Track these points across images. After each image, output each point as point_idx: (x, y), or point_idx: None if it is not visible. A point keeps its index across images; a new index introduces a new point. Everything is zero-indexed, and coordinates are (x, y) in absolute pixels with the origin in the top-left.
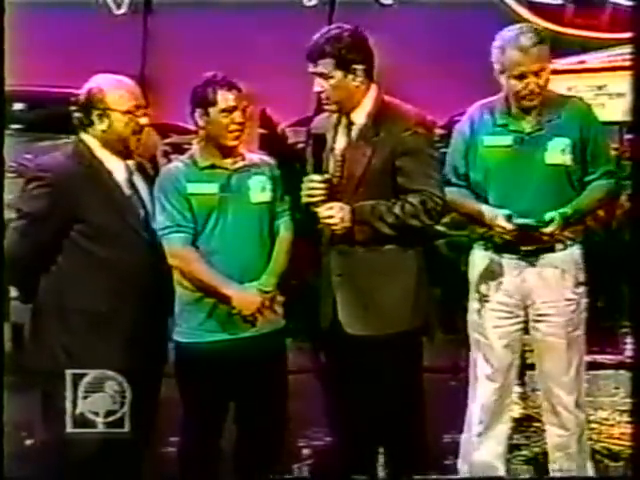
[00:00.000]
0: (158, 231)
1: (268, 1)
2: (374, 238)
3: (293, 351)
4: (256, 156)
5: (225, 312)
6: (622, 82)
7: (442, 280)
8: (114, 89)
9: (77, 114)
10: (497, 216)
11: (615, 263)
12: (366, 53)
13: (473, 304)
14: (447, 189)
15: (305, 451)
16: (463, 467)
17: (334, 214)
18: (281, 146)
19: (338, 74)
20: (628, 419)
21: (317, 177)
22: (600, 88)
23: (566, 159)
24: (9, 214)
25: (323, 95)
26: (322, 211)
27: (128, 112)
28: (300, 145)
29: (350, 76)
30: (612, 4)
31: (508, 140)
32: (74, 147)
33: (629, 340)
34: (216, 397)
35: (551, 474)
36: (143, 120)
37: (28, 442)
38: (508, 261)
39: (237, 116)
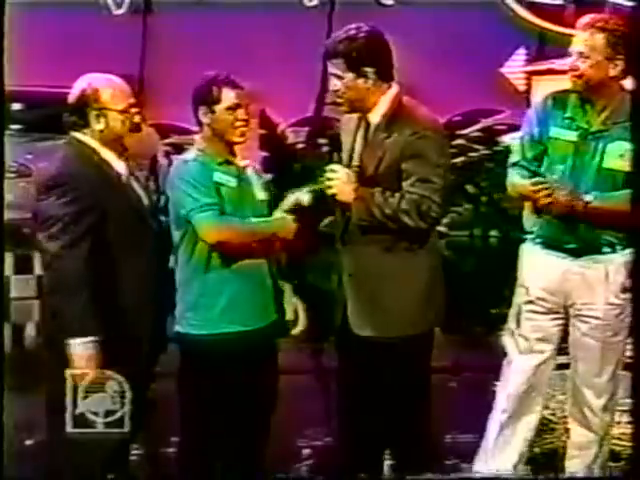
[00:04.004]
0: (190, 212)
1: (268, 1)
2: (368, 224)
3: (294, 351)
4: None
5: (243, 302)
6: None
7: (442, 278)
8: (107, 88)
9: (70, 115)
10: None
11: None
12: (380, 55)
13: (516, 296)
14: (510, 170)
15: (305, 451)
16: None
17: (334, 177)
18: (281, 146)
19: (349, 75)
20: (628, 419)
21: (338, 166)
22: None
23: (624, 164)
24: (9, 215)
25: (337, 94)
26: (327, 170)
27: (124, 111)
28: (300, 145)
29: (361, 79)
30: (612, 4)
31: (572, 135)
32: (74, 149)
33: (628, 340)
34: (228, 390)
35: (566, 471)
36: (137, 118)
37: (28, 442)
38: (553, 258)
39: (241, 113)
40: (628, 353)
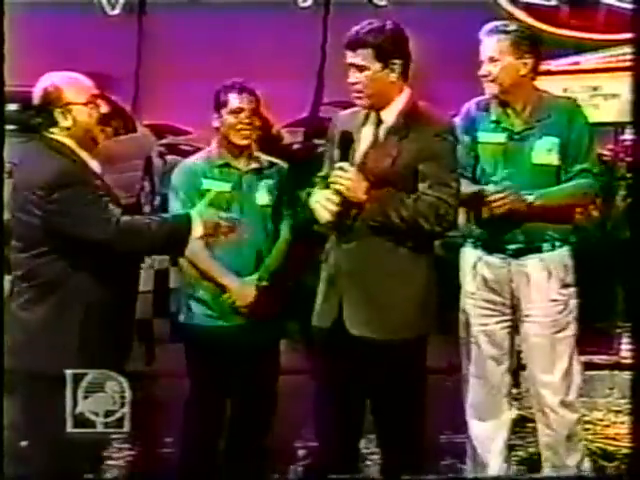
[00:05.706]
0: None
1: (262, 2)
2: (381, 226)
3: (290, 352)
4: (267, 158)
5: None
6: (617, 83)
7: (437, 280)
8: (69, 84)
9: (36, 116)
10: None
11: (610, 263)
12: (405, 50)
13: (462, 302)
14: None
15: (301, 452)
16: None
17: (345, 175)
18: (277, 147)
19: (376, 66)
20: (623, 419)
21: (347, 165)
22: (595, 89)
23: (552, 159)
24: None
25: (357, 87)
26: (335, 171)
27: (88, 102)
28: (296, 146)
29: (387, 70)
30: (606, 5)
31: (500, 137)
32: (50, 147)
33: (624, 341)
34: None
35: (544, 473)
36: (104, 109)
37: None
38: (495, 260)
39: (244, 117)
40: (626, 353)
